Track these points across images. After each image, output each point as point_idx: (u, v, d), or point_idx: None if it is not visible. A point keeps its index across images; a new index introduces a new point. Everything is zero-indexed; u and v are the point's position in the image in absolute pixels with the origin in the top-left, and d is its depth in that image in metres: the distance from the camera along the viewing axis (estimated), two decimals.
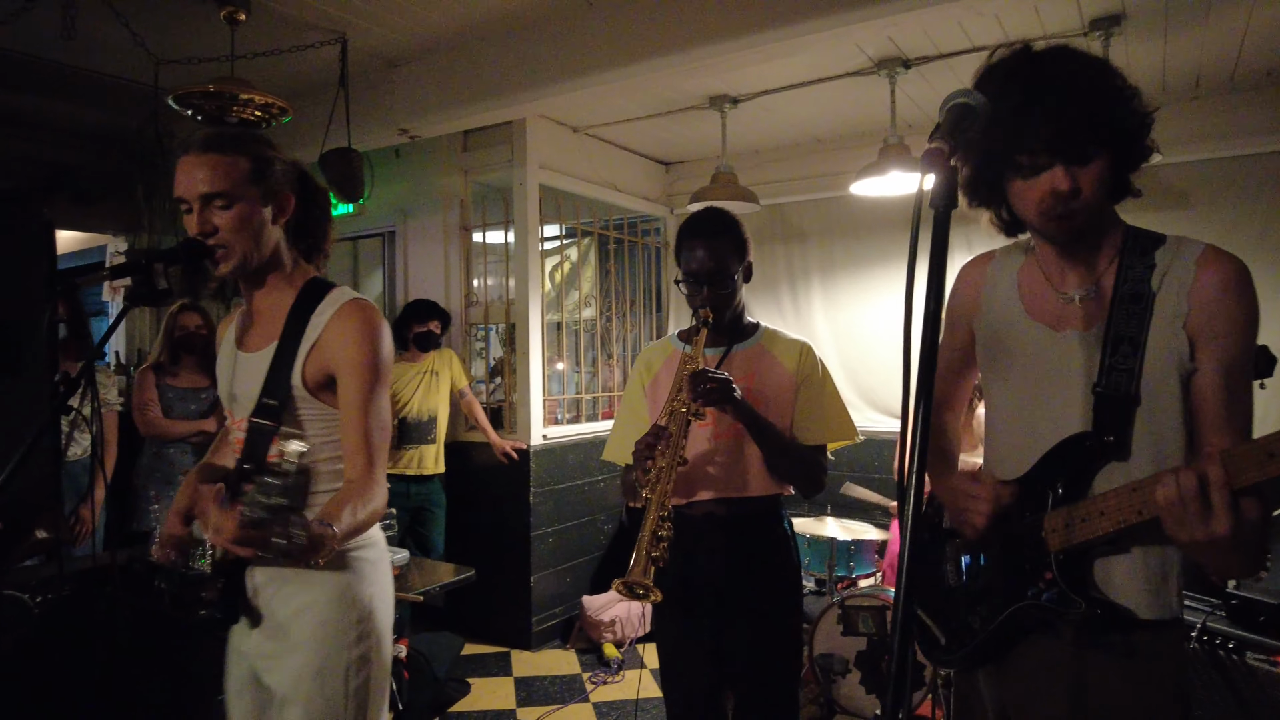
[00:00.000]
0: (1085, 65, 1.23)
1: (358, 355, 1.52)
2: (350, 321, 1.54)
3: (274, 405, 1.52)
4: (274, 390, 1.52)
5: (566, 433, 4.63)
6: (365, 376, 1.52)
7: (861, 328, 4.96)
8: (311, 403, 1.55)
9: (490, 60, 3.70)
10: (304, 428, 1.56)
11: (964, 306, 1.50)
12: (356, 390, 1.52)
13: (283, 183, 1.58)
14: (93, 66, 3.80)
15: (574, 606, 4.49)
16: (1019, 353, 1.38)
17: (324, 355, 1.53)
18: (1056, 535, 1.26)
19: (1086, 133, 1.18)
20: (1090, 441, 1.26)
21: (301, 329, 1.55)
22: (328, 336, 1.53)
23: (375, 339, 1.54)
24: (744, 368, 1.99)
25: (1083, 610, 1.22)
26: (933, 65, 3.71)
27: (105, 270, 1.49)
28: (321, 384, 1.54)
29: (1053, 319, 1.34)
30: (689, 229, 1.99)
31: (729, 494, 1.94)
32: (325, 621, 1.51)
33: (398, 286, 4.96)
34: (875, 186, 3.88)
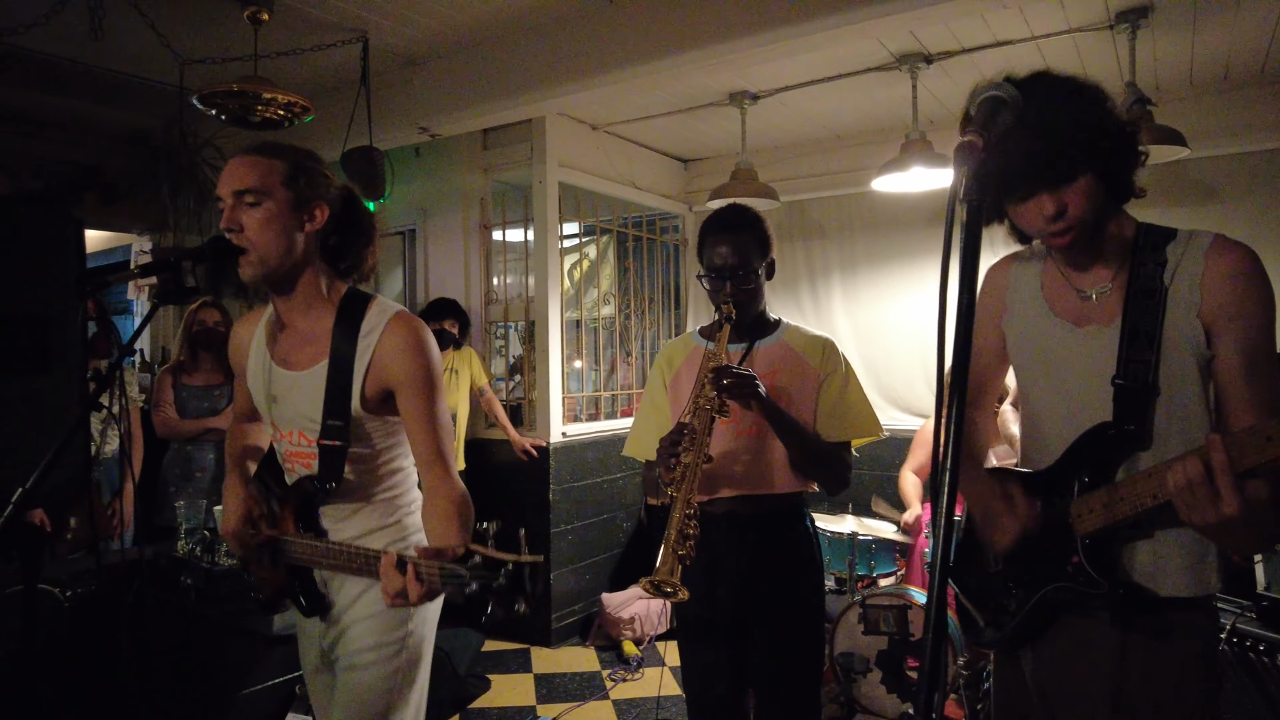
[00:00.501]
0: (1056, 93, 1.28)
1: (415, 370, 1.57)
2: (401, 338, 1.58)
3: (340, 426, 1.58)
4: (337, 412, 1.58)
5: (586, 430, 4.63)
6: (425, 389, 1.58)
7: (883, 325, 4.93)
8: (371, 418, 1.62)
9: (510, 58, 3.71)
10: (369, 440, 1.63)
11: (991, 308, 1.57)
12: (419, 404, 1.58)
13: (317, 192, 1.59)
14: (119, 68, 3.85)
15: (593, 604, 4.50)
16: (1046, 350, 1.45)
17: (381, 374, 1.58)
18: (1082, 520, 1.32)
19: (1060, 160, 1.25)
20: (1112, 431, 1.33)
21: (352, 349, 1.59)
22: (381, 355, 1.58)
23: (426, 351, 1.59)
24: (767, 364, 1.98)
25: (1106, 591, 1.29)
26: (955, 60, 3.68)
27: (135, 268, 1.51)
28: (380, 400, 1.60)
29: (1074, 316, 1.42)
30: (712, 225, 1.99)
31: (752, 491, 1.93)
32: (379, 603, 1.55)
33: (418, 285, 4.99)
34: (897, 182, 3.86)
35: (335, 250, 1.67)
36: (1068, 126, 1.25)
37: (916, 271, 4.83)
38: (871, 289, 5.00)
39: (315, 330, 1.62)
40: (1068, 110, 1.27)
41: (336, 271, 1.68)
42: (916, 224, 4.80)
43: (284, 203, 1.54)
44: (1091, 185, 1.29)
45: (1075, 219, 1.30)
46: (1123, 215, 1.39)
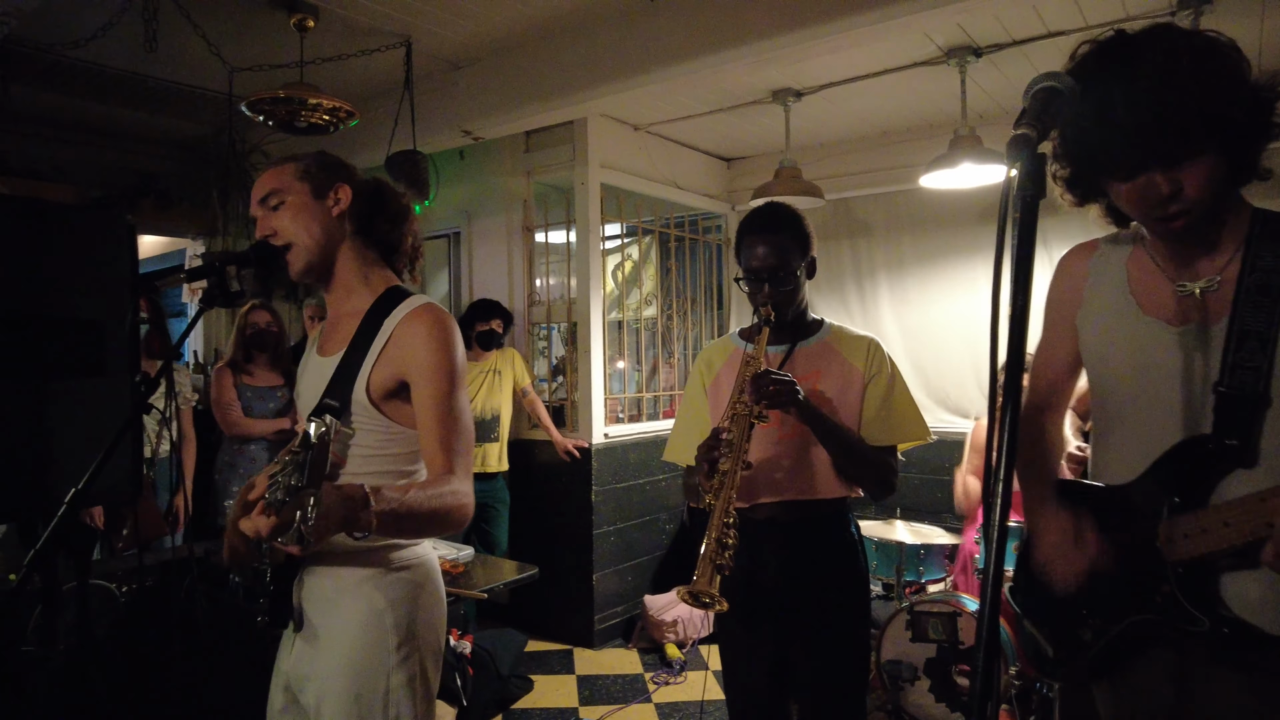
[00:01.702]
0: (1179, 51, 1.11)
1: (429, 359, 1.47)
2: (419, 325, 1.50)
3: (334, 406, 1.49)
4: (336, 392, 1.50)
5: (628, 432, 4.62)
6: (439, 381, 1.47)
7: (932, 325, 4.83)
8: (371, 413, 1.51)
9: (551, 60, 3.71)
10: (360, 437, 1.52)
11: (1065, 301, 1.41)
12: (431, 395, 1.47)
13: (334, 175, 1.59)
14: (172, 77, 3.96)
15: (636, 606, 4.48)
16: (1130, 349, 1.29)
17: (393, 360, 1.49)
18: (1175, 546, 1.17)
19: (1181, 133, 1.08)
20: (1212, 445, 1.16)
21: (373, 334, 1.52)
22: (397, 341, 1.50)
23: (447, 342, 1.49)
24: (808, 366, 1.94)
25: (1207, 628, 1.14)
26: (1005, 53, 3.58)
27: (183, 273, 1.54)
28: (389, 391, 1.50)
29: (1169, 313, 1.24)
30: (749, 225, 1.95)
31: (794, 497, 1.89)
32: (361, 645, 1.46)
33: (463, 287, 5.03)
34: (946, 179, 3.76)
35: (371, 234, 1.64)
36: (1194, 92, 1.07)
37: (966, 270, 4.71)
38: (920, 288, 4.90)
39: (350, 316, 1.59)
40: (1194, 72, 1.08)
41: (379, 257, 1.66)
42: (966, 221, 4.69)
43: (304, 194, 1.56)
44: (1215, 163, 1.11)
45: (1193, 201, 1.12)
46: (1237, 199, 1.22)
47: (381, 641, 1.47)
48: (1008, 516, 0.76)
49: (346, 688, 1.45)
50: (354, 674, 1.46)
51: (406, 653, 1.49)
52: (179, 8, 2.85)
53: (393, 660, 1.47)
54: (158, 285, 1.56)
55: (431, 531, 1.48)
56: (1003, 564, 0.78)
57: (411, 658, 1.50)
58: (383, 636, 1.47)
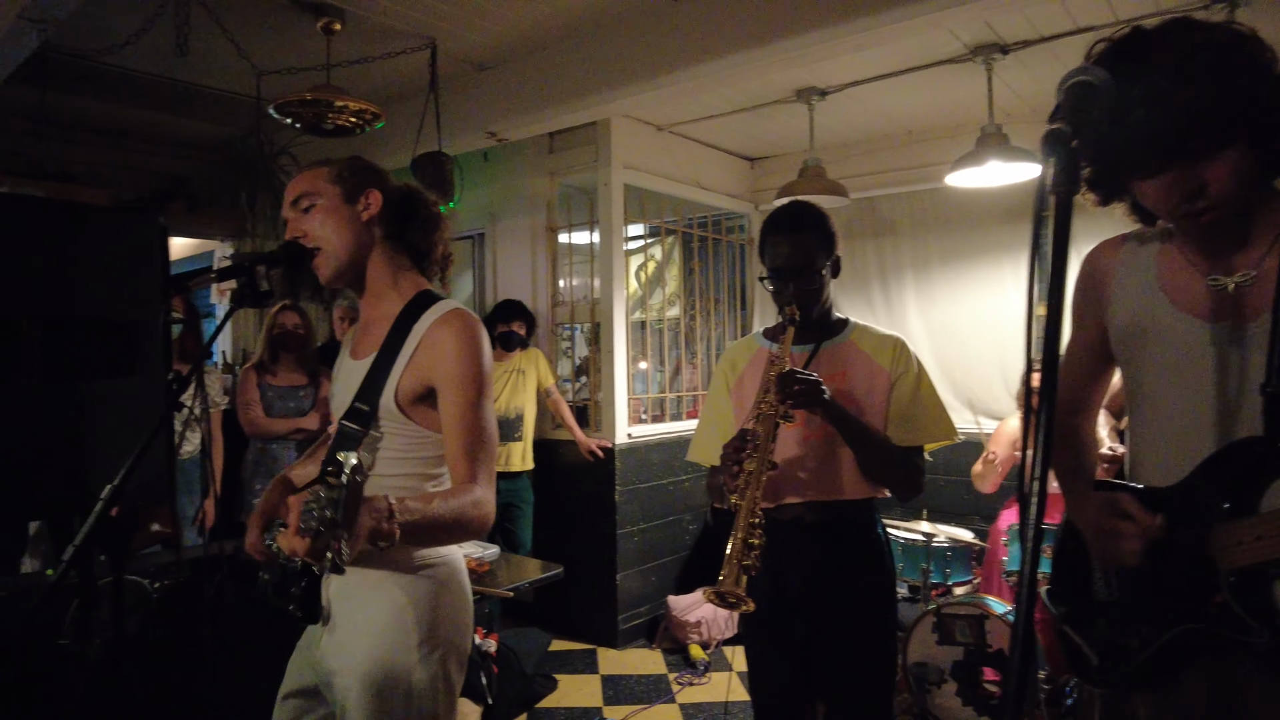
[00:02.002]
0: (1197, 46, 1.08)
1: (456, 366, 1.48)
2: (447, 331, 1.51)
3: (365, 411, 1.51)
4: (367, 396, 1.52)
5: (651, 432, 4.62)
6: (465, 387, 1.48)
7: (958, 325, 4.78)
8: (399, 417, 1.52)
9: (575, 61, 3.72)
10: (385, 439, 1.54)
11: (1093, 299, 1.37)
12: (457, 401, 1.48)
13: (365, 180, 1.60)
14: (202, 81, 4.02)
15: (659, 606, 4.48)
16: (1164, 348, 1.24)
17: (421, 366, 1.51)
18: (1229, 553, 1.12)
19: (1200, 130, 1.05)
20: (1261, 448, 1.12)
21: (402, 339, 1.54)
22: (426, 346, 1.51)
23: (474, 350, 1.50)
24: (833, 365, 1.92)
25: (1266, 639, 1.09)
26: (1033, 50, 3.53)
27: (213, 273, 1.56)
28: (417, 397, 1.52)
29: (1204, 310, 1.20)
30: (773, 224, 1.94)
31: (820, 497, 1.88)
32: (385, 643, 1.48)
33: (487, 288, 5.06)
34: (972, 178, 3.73)
35: (401, 240, 1.66)
36: (1213, 87, 1.04)
37: (993, 269, 4.66)
38: (946, 287, 4.85)
39: (382, 320, 1.60)
40: (1213, 66, 1.05)
41: (410, 263, 1.67)
42: (993, 220, 4.63)
43: (335, 197, 1.57)
44: (1240, 158, 1.08)
45: (1218, 198, 1.09)
46: (1270, 191, 1.17)
47: (404, 639, 1.49)
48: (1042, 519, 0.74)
49: (369, 684, 1.46)
50: (376, 670, 1.47)
51: (428, 651, 1.50)
52: (209, 12, 2.90)
53: (414, 658, 1.49)
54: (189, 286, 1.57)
55: (453, 539, 1.51)
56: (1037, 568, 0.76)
57: (433, 656, 1.51)
58: (405, 634, 1.49)
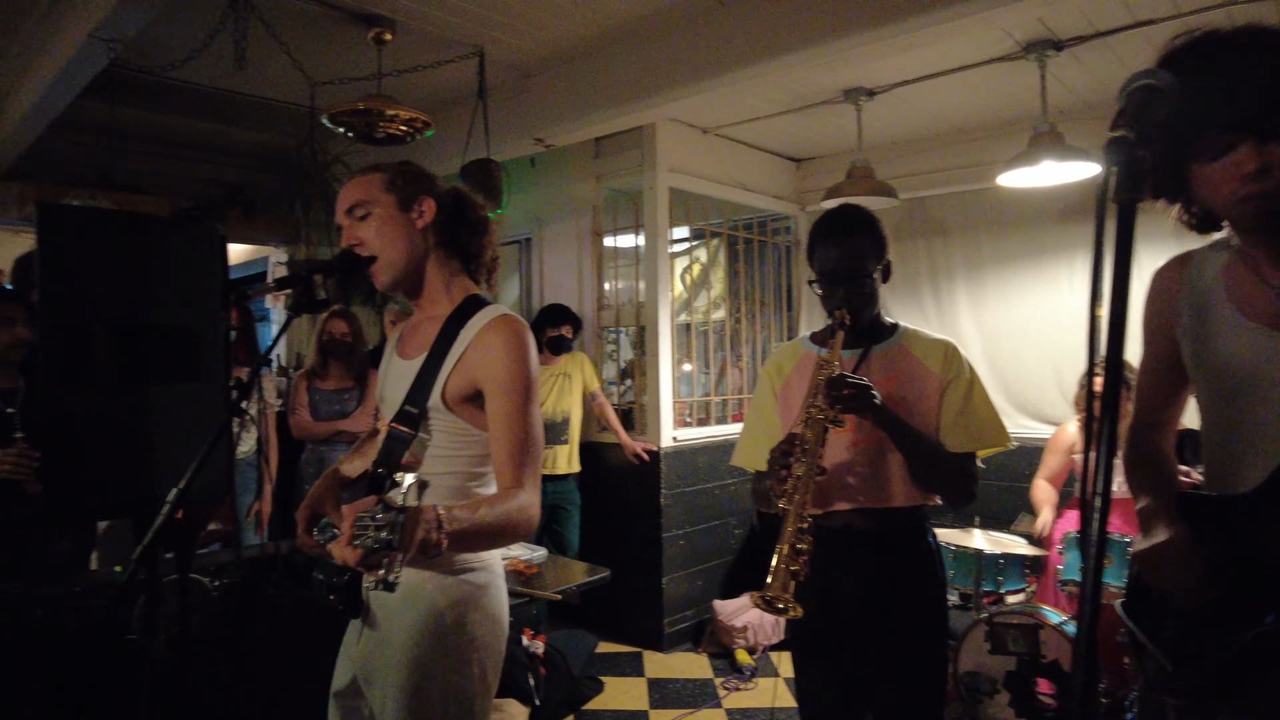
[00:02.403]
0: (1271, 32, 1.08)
1: (503, 371, 1.50)
2: (496, 336, 1.53)
3: (414, 413, 1.54)
4: (416, 398, 1.55)
5: (696, 435, 4.61)
6: (512, 392, 1.51)
7: (1011, 328, 4.68)
8: (449, 417, 1.55)
9: (621, 66, 3.74)
10: (434, 438, 1.57)
11: (1161, 315, 1.37)
12: (503, 406, 1.51)
13: (418, 188, 1.63)
14: (258, 93, 4.13)
15: (705, 610, 4.47)
16: (1232, 358, 1.24)
17: (469, 369, 1.53)
18: None
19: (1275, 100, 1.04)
20: None
21: (451, 342, 1.57)
22: (474, 351, 1.54)
23: (522, 354, 1.53)
24: (884, 370, 1.90)
25: None
26: (1088, 45, 3.44)
27: (271, 282, 1.61)
28: (464, 398, 1.54)
29: (1270, 317, 1.21)
30: (823, 227, 1.92)
31: (869, 504, 1.86)
32: (421, 643, 1.50)
33: (533, 292, 5.11)
34: (1026, 177, 3.64)
35: (452, 245, 1.68)
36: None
37: (1048, 270, 4.56)
38: (998, 290, 4.75)
39: (430, 323, 1.63)
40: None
41: (460, 267, 1.69)
42: (1047, 220, 4.53)
43: (390, 206, 1.60)
44: None
45: None
46: None
47: (440, 641, 1.51)
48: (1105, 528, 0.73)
49: (406, 684, 1.49)
50: (413, 671, 1.49)
51: (465, 654, 1.52)
52: (266, 27, 2.98)
53: (451, 661, 1.51)
54: (248, 293, 1.63)
55: (500, 544, 1.53)
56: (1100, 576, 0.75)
57: (470, 659, 1.53)
58: (441, 637, 1.51)
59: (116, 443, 2.03)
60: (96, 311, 2.01)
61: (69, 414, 1.99)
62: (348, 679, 1.64)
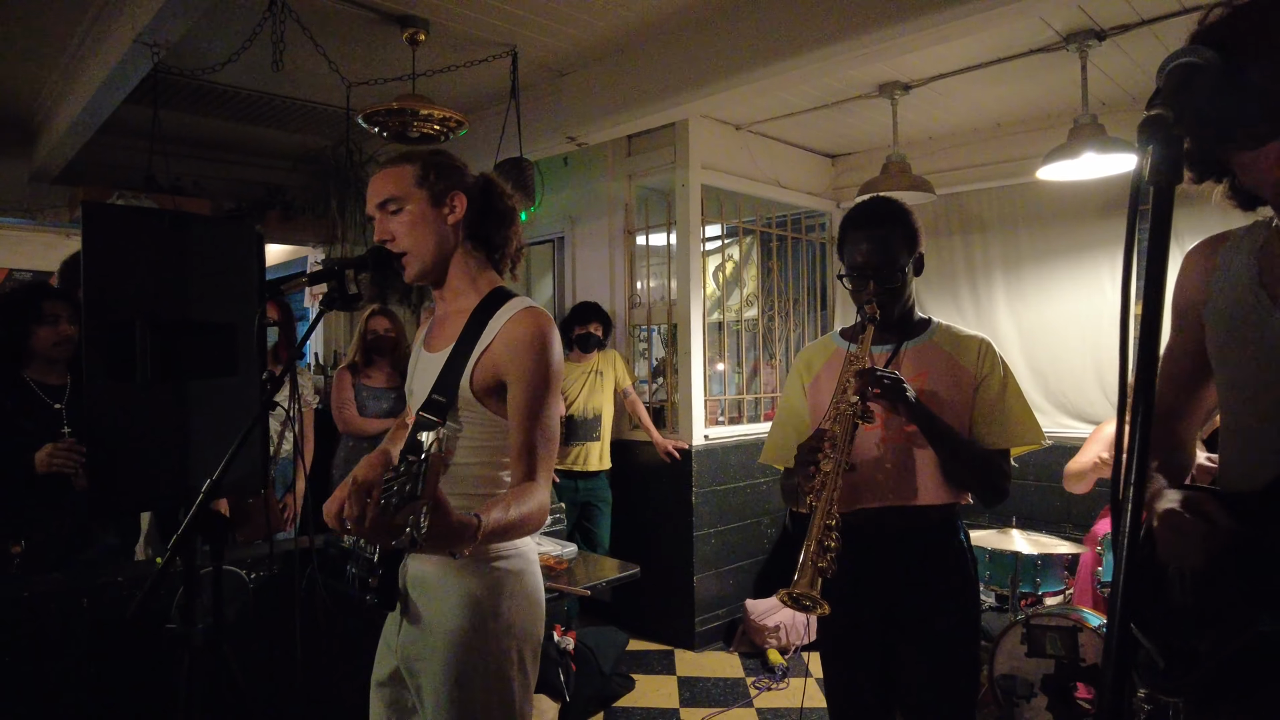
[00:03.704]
0: None
1: (526, 364, 1.52)
2: (521, 329, 1.55)
3: (441, 402, 1.56)
4: (443, 388, 1.57)
5: (728, 433, 4.59)
6: (533, 385, 1.53)
7: (1051, 325, 4.58)
8: (476, 407, 1.57)
9: (653, 63, 3.73)
10: (463, 428, 1.59)
11: (1191, 298, 1.31)
12: (524, 398, 1.53)
13: (450, 183, 1.63)
14: (295, 95, 4.20)
15: (737, 609, 4.45)
16: (1259, 345, 1.17)
17: (494, 361, 1.55)
18: None
19: None
20: None
21: (478, 333, 1.59)
22: (499, 343, 1.56)
23: (545, 348, 1.54)
24: (916, 366, 1.87)
25: None
26: (1132, 34, 3.35)
27: (305, 277, 1.63)
28: (490, 389, 1.56)
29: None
30: (853, 220, 1.90)
31: (899, 502, 1.83)
32: (460, 630, 1.52)
33: (566, 290, 5.13)
34: (1066, 170, 3.56)
35: (479, 236, 1.70)
36: None
37: (1089, 266, 4.45)
38: (1038, 286, 4.66)
39: (457, 315, 1.65)
40: None
41: (486, 259, 1.71)
42: (1088, 215, 4.43)
43: (423, 202, 1.61)
44: None
45: None
46: None
47: (480, 626, 1.53)
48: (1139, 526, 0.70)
49: (448, 671, 1.52)
50: (454, 657, 1.52)
51: (504, 638, 1.55)
52: (303, 29, 3.02)
53: (491, 645, 1.54)
54: (282, 289, 1.65)
55: (514, 538, 1.56)
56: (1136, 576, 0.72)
57: (509, 643, 1.56)
58: (481, 621, 1.53)
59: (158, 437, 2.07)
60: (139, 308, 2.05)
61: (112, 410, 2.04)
62: (389, 669, 1.67)
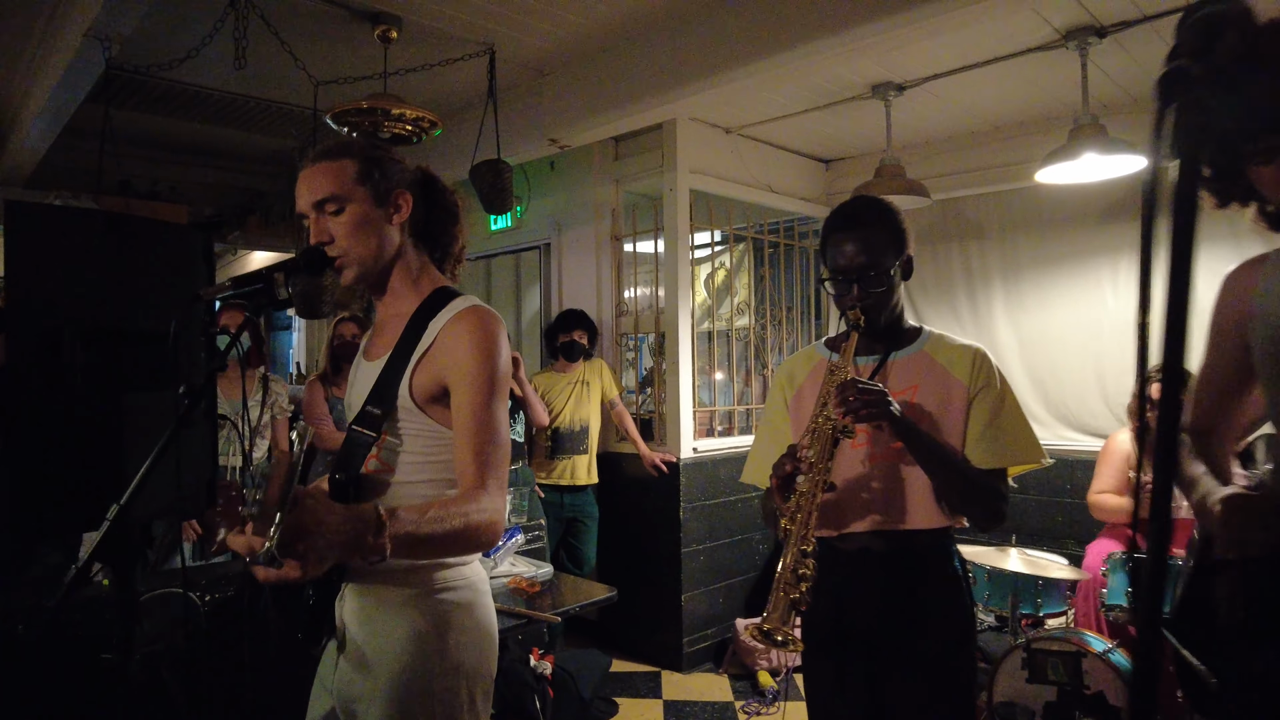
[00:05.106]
0: None
1: (469, 364, 1.39)
2: (464, 328, 1.42)
3: (375, 414, 1.43)
4: (379, 398, 1.44)
5: (718, 446, 4.44)
6: (478, 387, 1.39)
7: (1051, 334, 4.43)
8: (417, 416, 1.44)
9: (637, 61, 3.60)
10: (405, 442, 1.46)
11: (1233, 319, 1.28)
12: (469, 401, 1.39)
13: (395, 181, 1.51)
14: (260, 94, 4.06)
15: (727, 629, 4.29)
16: None
17: (435, 363, 1.42)
18: None
19: None
20: None
21: (417, 336, 1.45)
22: (440, 344, 1.43)
23: (490, 347, 1.41)
24: (905, 378, 1.72)
25: None
26: (1133, 31, 3.22)
27: (228, 282, 1.48)
28: (432, 395, 1.43)
29: None
30: (836, 220, 1.76)
31: (888, 526, 1.68)
32: (403, 670, 1.38)
33: (552, 298, 4.99)
34: (1066, 173, 3.42)
35: (423, 234, 1.58)
36: None
37: (1090, 273, 4.31)
38: (1037, 294, 4.51)
39: (397, 320, 1.52)
40: None
41: (429, 259, 1.59)
42: (1089, 220, 4.29)
43: (365, 201, 1.47)
44: None
45: None
46: None
47: (424, 667, 1.40)
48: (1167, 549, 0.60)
49: (389, 714, 1.38)
50: (397, 699, 1.39)
51: (452, 678, 1.42)
52: (267, 24, 2.89)
53: (437, 686, 1.40)
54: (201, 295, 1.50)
55: (458, 552, 1.39)
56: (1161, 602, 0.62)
57: (458, 684, 1.42)
58: (425, 661, 1.40)
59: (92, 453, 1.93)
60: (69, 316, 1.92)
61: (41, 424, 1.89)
62: (324, 710, 1.52)
